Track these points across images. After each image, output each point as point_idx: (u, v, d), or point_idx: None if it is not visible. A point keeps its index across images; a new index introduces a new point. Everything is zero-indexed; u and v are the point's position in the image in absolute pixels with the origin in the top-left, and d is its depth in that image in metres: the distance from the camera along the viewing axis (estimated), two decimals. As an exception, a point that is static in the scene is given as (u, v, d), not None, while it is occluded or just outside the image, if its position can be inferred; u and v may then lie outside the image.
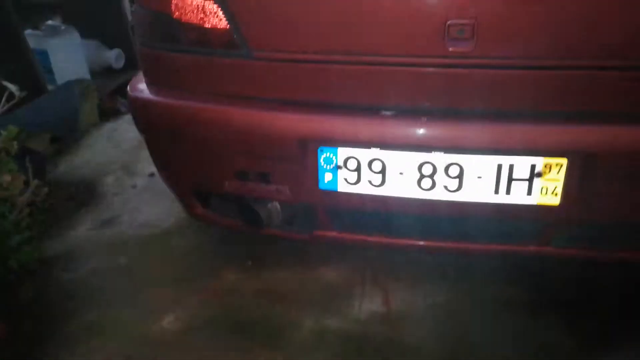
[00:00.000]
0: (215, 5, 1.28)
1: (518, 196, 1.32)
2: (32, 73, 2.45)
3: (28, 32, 2.70)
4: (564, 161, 1.26)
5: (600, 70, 1.17)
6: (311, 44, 1.27)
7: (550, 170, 1.28)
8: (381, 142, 1.31)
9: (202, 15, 1.30)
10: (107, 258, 1.84)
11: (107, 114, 2.88)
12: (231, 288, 1.71)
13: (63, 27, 2.90)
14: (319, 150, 1.36)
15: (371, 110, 1.31)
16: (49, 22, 2.90)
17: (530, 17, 1.15)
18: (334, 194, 1.41)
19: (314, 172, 1.39)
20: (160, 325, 1.56)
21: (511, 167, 1.29)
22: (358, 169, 1.36)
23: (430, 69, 1.23)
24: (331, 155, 1.36)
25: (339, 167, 1.37)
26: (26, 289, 1.61)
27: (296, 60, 1.29)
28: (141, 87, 1.50)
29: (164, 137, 1.52)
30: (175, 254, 1.87)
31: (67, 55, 2.84)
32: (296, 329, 1.55)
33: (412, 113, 1.29)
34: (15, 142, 1.16)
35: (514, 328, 1.54)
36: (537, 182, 1.29)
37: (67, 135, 2.43)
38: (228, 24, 1.28)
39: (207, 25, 1.31)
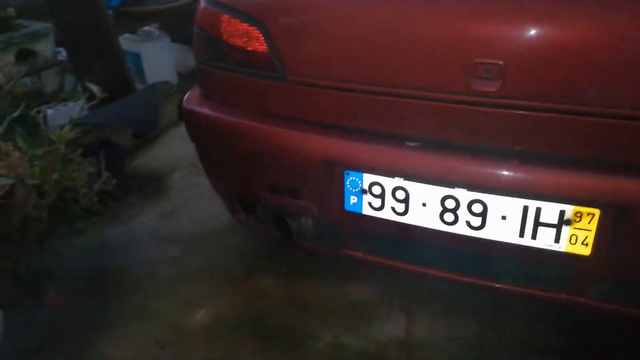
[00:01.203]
0: (257, 32, 1.36)
1: (545, 242, 1.26)
2: (122, 74, 2.73)
3: (125, 36, 3.01)
4: (596, 212, 1.19)
5: (636, 121, 1.09)
6: (343, 72, 1.32)
7: (581, 219, 1.21)
8: (404, 172, 1.33)
9: (246, 39, 1.39)
10: (160, 249, 2.02)
11: (188, 113, 3.11)
12: (263, 291, 1.80)
13: (157, 33, 3.19)
14: (345, 173, 1.40)
15: (396, 140, 1.32)
16: (145, 27, 3.20)
17: (561, 62, 1.10)
18: (358, 217, 1.44)
19: (340, 194, 1.43)
20: (194, 318, 1.69)
21: (538, 210, 1.24)
22: (382, 196, 1.38)
23: (454, 105, 1.22)
24: (357, 179, 1.39)
25: (364, 192, 1.40)
26: (86, 268, 1.82)
27: (328, 87, 1.34)
28: (194, 100, 1.63)
29: (210, 146, 1.64)
30: (220, 252, 2.00)
31: (158, 58, 3.12)
32: (314, 341, 1.60)
33: (436, 147, 1.29)
34: (63, 146, 1.33)
35: (540, 375, 1.48)
36: (566, 229, 1.23)
37: (147, 132, 2.67)
38: (268, 48, 1.37)
39: (249, 49, 1.40)
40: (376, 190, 1.38)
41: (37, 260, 1.69)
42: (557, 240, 1.25)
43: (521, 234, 1.27)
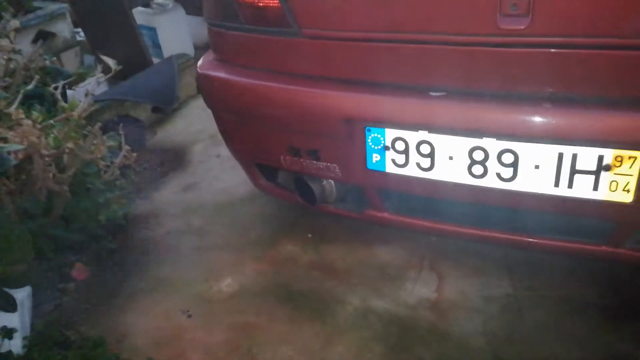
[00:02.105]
0: (267, -16, 1.30)
1: (582, 190, 1.18)
2: (138, 48, 2.70)
3: (140, 9, 2.97)
4: (638, 154, 1.10)
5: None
6: (359, 22, 1.24)
7: (621, 164, 1.13)
8: (429, 124, 1.26)
9: (255, -6, 1.33)
10: (183, 220, 2.01)
11: (206, 86, 3.07)
12: (288, 258, 1.77)
13: (171, 5, 3.13)
14: (366, 130, 1.33)
15: (419, 91, 1.25)
16: (159, 0, 3.15)
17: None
18: (382, 175, 1.39)
19: (362, 152, 1.37)
20: (219, 287, 1.68)
21: (574, 157, 1.15)
22: (406, 151, 1.32)
23: (481, 48, 1.13)
24: (379, 135, 1.33)
25: (387, 148, 1.34)
26: (110, 241, 1.83)
27: (343, 38, 1.27)
28: (208, 65, 1.58)
29: (226, 111, 1.60)
30: (243, 221, 1.98)
31: (174, 31, 3.08)
32: (342, 306, 1.57)
33: (462, 95, 1.21)
34: (76, 113, 1.31)
35: (579, 333, 1.41)
36: (605, 176, 1.15)
37: (165, 106, 2.65)
38: (279, 2, 1.30)
39: (260, 4, 1.34)
40: (399, 145, 1.32)
41: (62, 235, 1.69)
42: (595, 188, 1.17)
43: (556, 184, 1.20)
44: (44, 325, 1.52)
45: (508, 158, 1.21)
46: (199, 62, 1.64)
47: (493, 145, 1.21)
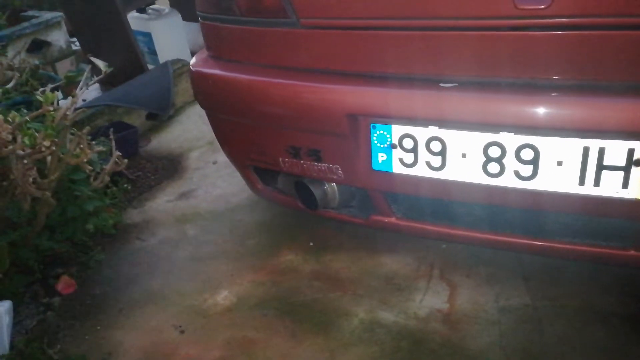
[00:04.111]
0: (262, -29, 1.21)
1: (610, 188, 1.08)
2: (132, 53, 2.61)
3: (134, 15, 2.89)
4: (673, 146, 1.00)
5: None
6: (361, 8, 1.15)
7: (654, 158, 1.02)
8: (440, 119, 1.15)
9: (250, -18, 1.24)
10: (178, 229, 1.90)
11: (204, 92, 2.98)
12: (288, 267, 1.66)
13: (167, 10, 3.06)
14: (371, 127, 1.24)
15: (429, 83, 1.15)
16: (154, 5, 3.08)
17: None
18: (388, 176, 1.28)
19: (367, 151, 1.27)
20: (215, 300, 1.56)
21: (601, 151, 1.05)
22: (415, 149, 1.21)
23: (497, 33, 1.04)
24: (385, 133, 1.23)
25: (394, 147, 1.24)
26: (99, 252, 1.72)
27: (345, 27, 1.18)
28: (201, 62, 1.49)
29: (221, 110, 1.50)
30: (241, 229, 1.87)
31: (170, 37, 3.00)
32: (347, 319, 1.45)
33: (476, 86, 1.11)
34: (52, 107, 1.21)
35: (604, 345, 1.29)
36: (636, 171, 1.04)
37: (160, 112, 2.56)
38: (276, -10, 1.21)
39: (256, -7, 1.25)
40: (407, 143, 1.22)
41: (46, 245, 1.59)
42: (625, 185, 1.06)
43: (581, 182, 1.09)
44: (25, 342, 1.40)
45: (527, 154, 1.11)
46: (192, 60, 1.55)
47: (511, 140, 1.11)
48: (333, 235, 1.78)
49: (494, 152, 1.13)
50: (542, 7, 0.96)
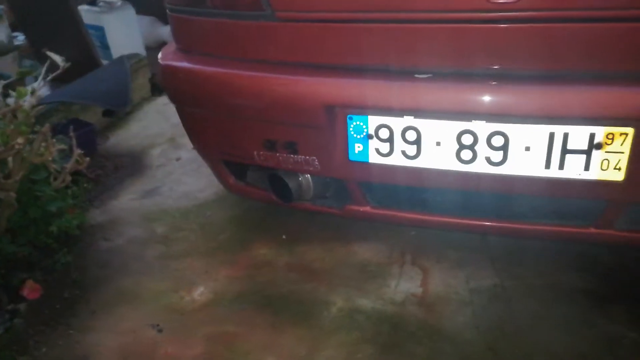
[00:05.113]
0: (237, -38, 1.20)
1: (573, 171, 1.16)
2: (85, 48, 2.51)
3: (85, 8, 2.78)
4: (629, 130, 1.08)
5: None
6: (336, 1, 1.17)
7: (612, 141, 1.10)
8: (415, 108, 1.20)
9: (224, -26, 1.23)
10: (145, 227, 1.85)
11: (159, 88, 2.90)
12: (263, 261, 1.66)
13: (119, 3, 2.96)
14: (347, 118, 1.26)
15: (404, 74, 1.19)
16: (105, -2, 2.98)
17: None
18: (365, 166, 1.31)
19: (343, 142, 1.30)
20: (191, 296, 1.54)
21: (565, 136, 1.12)
22: (390, 139, 1.25)
23: (470, 25, 1.09)
24: (361, 123, 1.26)
25: (370, 137, 1.27)
26: (65, 254, 1.65)
27: (320, 19, 1.20)
28: (170, 55, 1.46)
29: (193, 105, 1.48)
30: (211, 225, 1.85)
31: (123, 31, 2.90)
32: (325, 307, 1.47)
33: (450, 76, 1.16)
34: (26, 103, 1.15)
35: (570, 318, 1.38)
36: (596, 154, 1.12)
37: (118, 109, 2.48)
38: (250, -19, 1.21)
39: (229, -16, 1.24)
40: (383, 133, 1.25)
41: (8, 249, 1.51)
42: (587, 167, 1.14)
43: (547, 165, 1.16)
44: (-7, 352, 1.34)
45: (498, 141, 1.17)
46: (160, 54, 1.52)
47: (482, 128, 1.16)
48: (305, 227, 1.80)
49: (467, 139, 1.19)
50: (512, 0, 1.02)
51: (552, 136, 1.13)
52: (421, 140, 1.22)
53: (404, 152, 1.26)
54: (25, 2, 2.60)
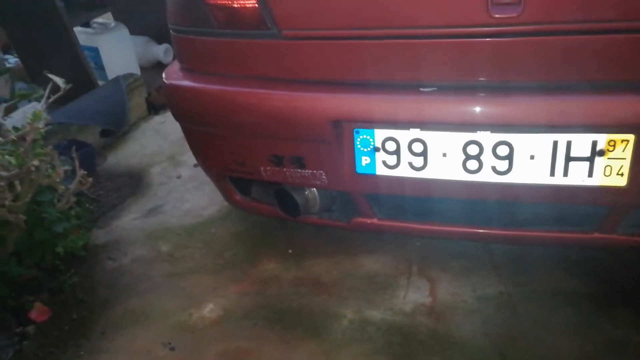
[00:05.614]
0: (243, -17, 1.23)
1: (577, 177, 1.19)
2: (81, 69, 2.52)
3: (79, 29, 2.78)
4: (630, 137, 1.12)
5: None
6: (341, 18, 1.20)
7: (614, 148, 1.14)
8: (421, 121, 1.22)
9: (230, -5, 1.26)
10: (150, 246, 1.85)
11: (156, 107, 2.92)
12: (271, 276, 1.67)
13: (113, 24, 2.97)
14: (354, 131, 1.28)
15: (409, 88, 1.22)
16: (99, 19, 2.99)
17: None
18: (372, 178, 1.34)
19: (351, 155, 1.32)
20: (201, 314, 1.55)
21: (569, 144, 1.16)
22: (397, 151, 1.28)
23: (474, 39, 1.12)
24: (368, 137, 1.28)
25: (377, 150, 1.29)
26: (72, 275, 1.65)
27: (326, 37, 1.22)
28: (175, 74, 1.48)
29: (198, 122, 1.50)
30: (216, 242, 1.85)
31: (117, 51, 2.91)
32: (336, 320, 1.48)
33: (454, 89, 1.19)
34: (42, 125, 1.16)
35: (575, 323, 1.41)
36: (599, 161, 1.16)
37: (116, 129, 2.48)
38: (256, 2, 1.23)
39: (235, 5, 1.26)
40: (390, 146, 1.27)
41: (15, 271, 1.50)
42: (590, 174, 1.18)
43: (552, 173, 1.20)
44: (3, 376, 1.33)
45: (503, 150, 1.20)
46: (164, 74, 1.54)
47: (488, 138, 1.19)
48: (310, 240, 1.81)
49: (473, 150, 1.22)
50: (514, 15, 1.06)
51: (555, 144, 1.16)
52: (427, 151, 1.25)
53: (410, 164, 1.28)
54: (19, 24, 2.61)
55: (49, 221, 1.59)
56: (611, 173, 1.16)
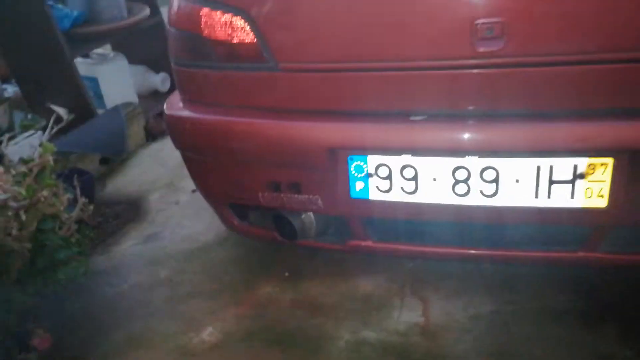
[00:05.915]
0: (242, 21, 1.31)
1: (560, 199, 1.25)
2: (81, 99, 2.59)
3: (79, 60, 2.86)
4: (609, 160, 1.19)
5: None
6: (336, 52, 1.28)
7: (594, 171, 1.21)
8: (412, 148, 1.29)
9: (229, 31, 1.33)
10: (149, 272, 1.89)
11: (154, 135, 2.98)
12: (268, 299, 1.71)
13: (112, 55, 3.05)
14: (348, 159, 1.35)
15: (400, 116, 1.29)
16: (98, 50, 3.06)
17: (564, 9, 1.10)
18: (366, 203, 1.39)
19: (345, 181, 1.38)
20: (200, 338, 1.58)
21: (551, 168, 1.23)
22: (389, 177, 1.34)
23: (460, 71, 1.20)
24: (361, 163, 1.35)
25: (370, 175, 1.35)
26: (72, 301, 1.68)
27: (321, 70, 1.30)
28: (176, 105, 1.55)
29: (198, 151, 1.56)
30: (215, 266, 1.89)
31: (116, 81, 2.98)
32: (333, 341, 1.52)
33: (443, 117, 1.26)
34: (51, 158, 1.22)
35: (565, 339, 1.45)
36: (580, 183, 1.23)
37: (115, 156, 2.54)
38: (254, 38, 1.31)
39: (234, 41, 1.34)
40: (383, 172, 1.34)
41: (18, 298, 1.53)
42: (572, 196, 1.24)
43: (536, 195, 1.26)
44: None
45: (490, 174, 1.26)
46: (165, 105, 1.60)
47: (475, 163, 1.26)
48: (306, 263, 1.85)
49: (461, 174, 1.28)
50: (497, 49, 1.14)
51: (539, 169, 1.23)
52: (418, 176, 1.31)
53: (402, 188, 1.34)
54: (21, 55, 2.68)
55: (51, 249, 1.63)
56: (592, 195, 1.23)
